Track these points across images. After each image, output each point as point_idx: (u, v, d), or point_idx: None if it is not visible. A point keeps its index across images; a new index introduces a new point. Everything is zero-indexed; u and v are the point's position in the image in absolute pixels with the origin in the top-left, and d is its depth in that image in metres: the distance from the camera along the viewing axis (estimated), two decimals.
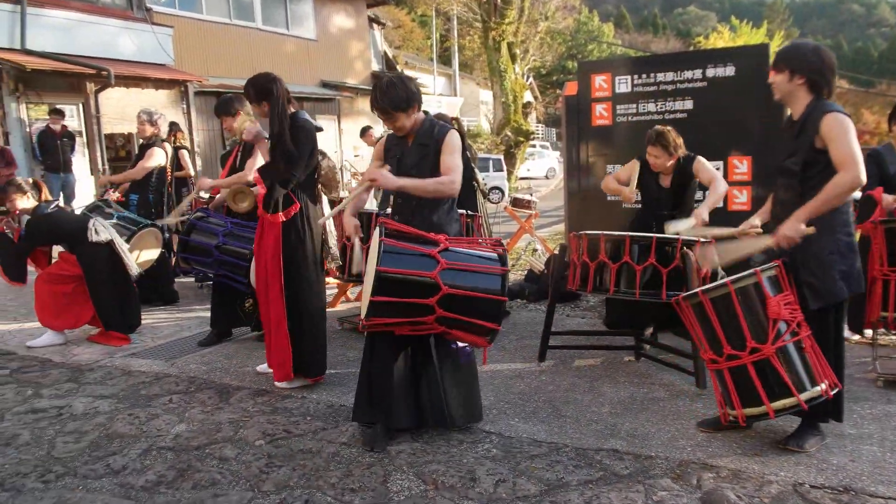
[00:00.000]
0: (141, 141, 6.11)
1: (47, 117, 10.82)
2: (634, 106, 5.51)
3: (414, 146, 3.20)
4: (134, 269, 4.86)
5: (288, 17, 17.37)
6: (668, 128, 4.14)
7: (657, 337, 4.40)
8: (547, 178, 28.66)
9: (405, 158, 3.23)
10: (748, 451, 2.97)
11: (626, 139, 5.50)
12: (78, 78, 11.64)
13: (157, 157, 5.95)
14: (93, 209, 5.32)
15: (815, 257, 2.88)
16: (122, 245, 4.81)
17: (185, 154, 7.20)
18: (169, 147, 6.39)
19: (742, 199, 5.15)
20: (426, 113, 3.30)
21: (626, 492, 2.63)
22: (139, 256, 5.12)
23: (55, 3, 11.75)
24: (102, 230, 4.73)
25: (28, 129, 11.20)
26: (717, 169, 4.56)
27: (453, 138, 3.17)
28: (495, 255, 3.03)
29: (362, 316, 2.95)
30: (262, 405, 3.65)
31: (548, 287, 5.84)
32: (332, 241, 4.72)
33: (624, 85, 5.55)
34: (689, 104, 5.30)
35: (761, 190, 4.96)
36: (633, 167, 4.29)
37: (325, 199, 5.46)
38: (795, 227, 2.81)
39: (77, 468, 2.96)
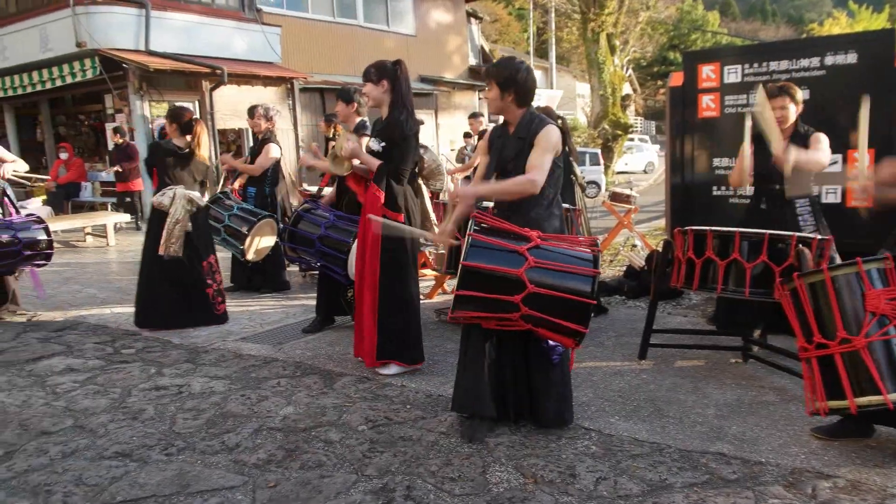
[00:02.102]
0: (258, 137, 6.38)
1: None
2: (745, 96, 5.27)
3: (513, 138, 3.20)
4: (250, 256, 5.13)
5: (388, 14, 17.72)
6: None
7: (767, 338, 4.21)
8: (645, 172, 27.85)
9: (504, 150, 3.23)
10: (868, 462, 2.80)
11: (734, 131, 5.26)
12: (195, 77, 12.34)
13: (273, 152, 6.22)
14: (213, 201, 5.65)
15: None
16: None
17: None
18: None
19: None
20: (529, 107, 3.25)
21: (734, 497, 2.54)
22: (258, 244, 5.43)
23: (176, 7, 12.51)
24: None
25: (150, 126, 11.99)
26: (835, 163, 4.30)
27: (548, 134, 3.09)
28: (589, 255, 2.93)
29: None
30: (364, 392, 3.76)
31: (648, 283, 5.71)
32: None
33: (734, 75, 5.32)
34: (805, 94, 5.01)
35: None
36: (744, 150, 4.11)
37: (426, 192, 5.55)
38: None
39: (195, 443, 3.15)
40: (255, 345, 4.73)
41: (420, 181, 5.08)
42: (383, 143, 3.89)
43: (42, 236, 5.49)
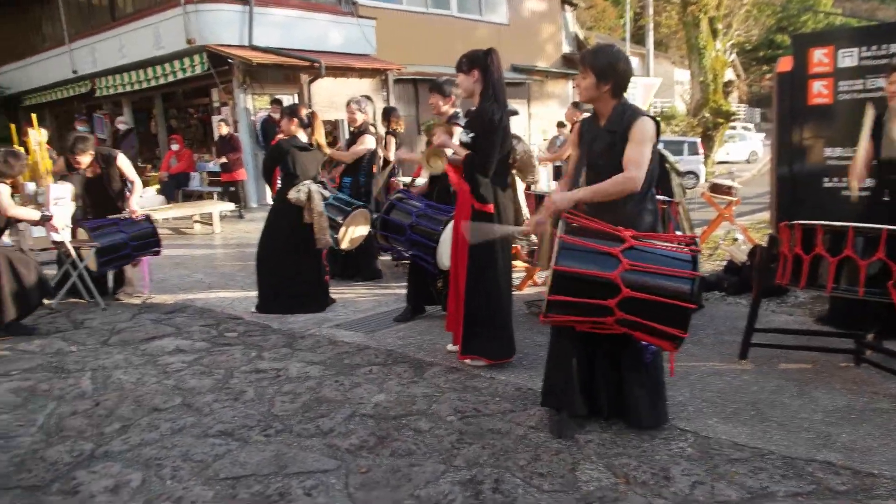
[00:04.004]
0: (352, 129, 6.54)
1: (269, 107, 11.97)
2: (861, 82, 4.92)
3: (604, 131, 3.06)
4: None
5: (481, 3, 17.66)
6: None
7: (882, 342, 3.93)
8: (748, 162, 26.47)
9: (594, 144, 3.11)
10: None
11: (848, 119, 4.92)
12: (294, 70, 12.75)
13: (368, 143, 6.35)
14: None
15: None
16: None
17: (391, 139, 7.65)
18: (381, 131, 6.90)
19: None
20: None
21: None
22: (352, 233, 5.61)
23: (277, 2, 12.96)
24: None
25: (252, 118, 12.50)
26: None
27: (643, 126, 2.93)
28: (688, 256, 2.78)
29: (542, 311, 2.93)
30: (454, 382, 3.79)
31: (749, 279, 5.45)
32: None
33: (849, 59, 4.96)
34: None
35: None
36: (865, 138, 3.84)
37: (519, 183, 5.51)
38: None
39: (292, 426, 3.28)
40: (348, 332, 4.86)
41: (513, 172, 5.04)
42: (472, 134, 3.88)
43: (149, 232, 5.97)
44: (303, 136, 5.39)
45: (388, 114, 7.91)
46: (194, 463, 2.92)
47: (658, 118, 3.09)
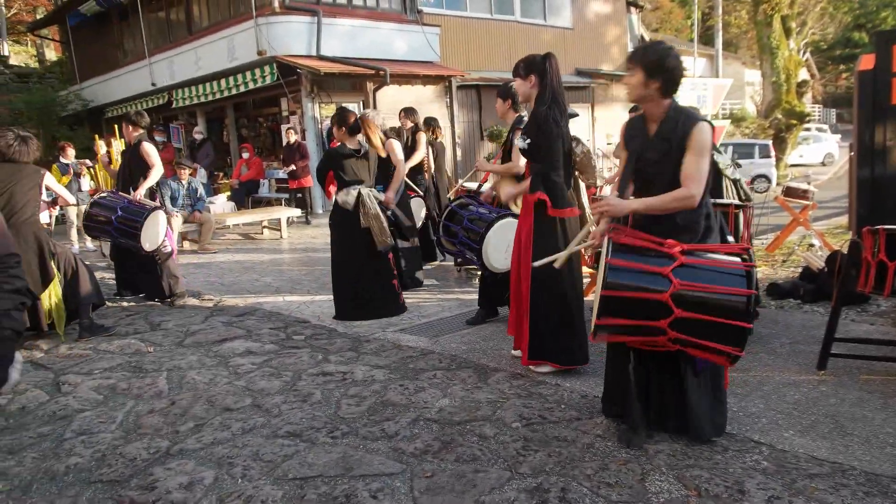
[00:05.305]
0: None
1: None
2: None
3: (656, 139, 2.90)
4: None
5: (545, 8, 17.57)
6: None
7: None
8: (823, 164, 25.38)
9: (645, 153, 2.94)
10: None
11: None
12: (359, 78, 12.97)
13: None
14: None
15: None
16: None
17: (429, 149, 7.75)
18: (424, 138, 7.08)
19: None
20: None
21: None
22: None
23: (344, 13, 13.22)
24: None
25: (319, 126, 12.76)
26: None
27: (701, 134, 2.77)
28: (742, 271, 2.64)
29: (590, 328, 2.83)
30: (518, 388, 3.76)
31: (827, 287, 5.22)
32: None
33: None
34: None
35: None
36: None
37: (582, 185, 5.46)
38: None
39: (358, 429, 3.32)
40: (412, 336, 4.89)
41: (576, 174, 5.00)
42: (528, 140, 3.86)
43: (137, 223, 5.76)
44: (352, 144, 5.43)
45: (429, 124, 7.95)
46: (264, 463, 2.99)
47: (728, 119, 2.96)
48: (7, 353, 1.92)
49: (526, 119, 4.59)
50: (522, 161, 4.21)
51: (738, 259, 2.73)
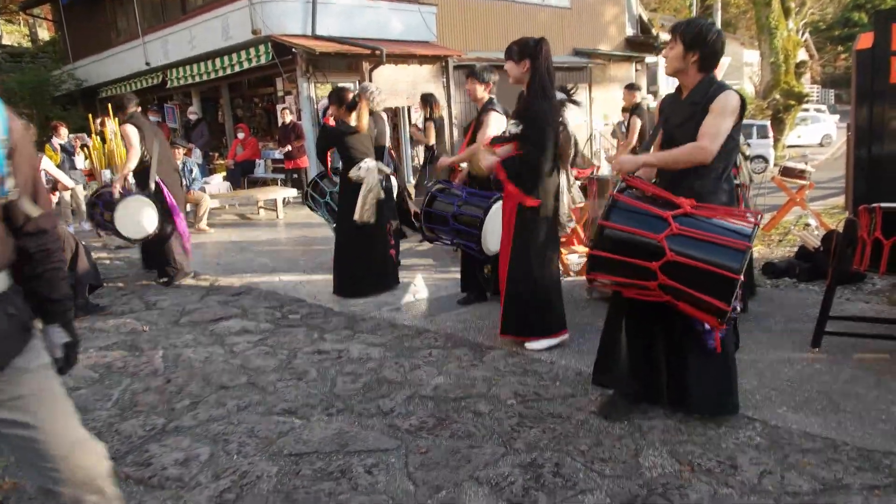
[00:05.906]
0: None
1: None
2: None
3: (685, 104, 2.95)
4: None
5: None
6: None
7: None
8: (821, 145, 25.30)
9: (672, 117, 3.01)
10: None
11: None
12: (355, 58, 12.84)
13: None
14: (321, 176, 6.36)
15: None
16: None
17: (430, 125, 7.67)
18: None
19: None
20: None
21: None
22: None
23: None
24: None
25: (315, 107, 12.67)
26: None
27: (727, 98, 2.80)
28: (745, 228, 2.64)
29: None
30: (513, 366, 3.77)
31: (822, 265, 5.23)
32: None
33: None
34: None
35: None
36: None
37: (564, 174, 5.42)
38: None
39: (353, 406, 3.33)
40: (408, 315, 4.90)
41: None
42: (521, 126, 3.84)
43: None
44: (351, 120, 5.40)
45: (427, 100, 7.89)
46: (259, 439, 3.00)
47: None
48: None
49: (497, 101, 4.63)
50: (489, 133, 4.32)
51: (746, 220, 2.71)
